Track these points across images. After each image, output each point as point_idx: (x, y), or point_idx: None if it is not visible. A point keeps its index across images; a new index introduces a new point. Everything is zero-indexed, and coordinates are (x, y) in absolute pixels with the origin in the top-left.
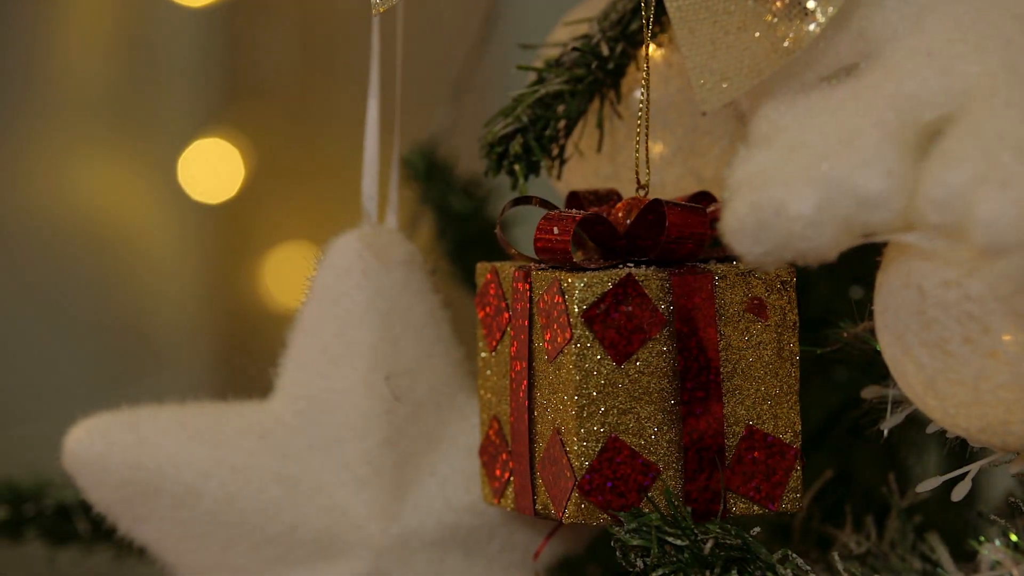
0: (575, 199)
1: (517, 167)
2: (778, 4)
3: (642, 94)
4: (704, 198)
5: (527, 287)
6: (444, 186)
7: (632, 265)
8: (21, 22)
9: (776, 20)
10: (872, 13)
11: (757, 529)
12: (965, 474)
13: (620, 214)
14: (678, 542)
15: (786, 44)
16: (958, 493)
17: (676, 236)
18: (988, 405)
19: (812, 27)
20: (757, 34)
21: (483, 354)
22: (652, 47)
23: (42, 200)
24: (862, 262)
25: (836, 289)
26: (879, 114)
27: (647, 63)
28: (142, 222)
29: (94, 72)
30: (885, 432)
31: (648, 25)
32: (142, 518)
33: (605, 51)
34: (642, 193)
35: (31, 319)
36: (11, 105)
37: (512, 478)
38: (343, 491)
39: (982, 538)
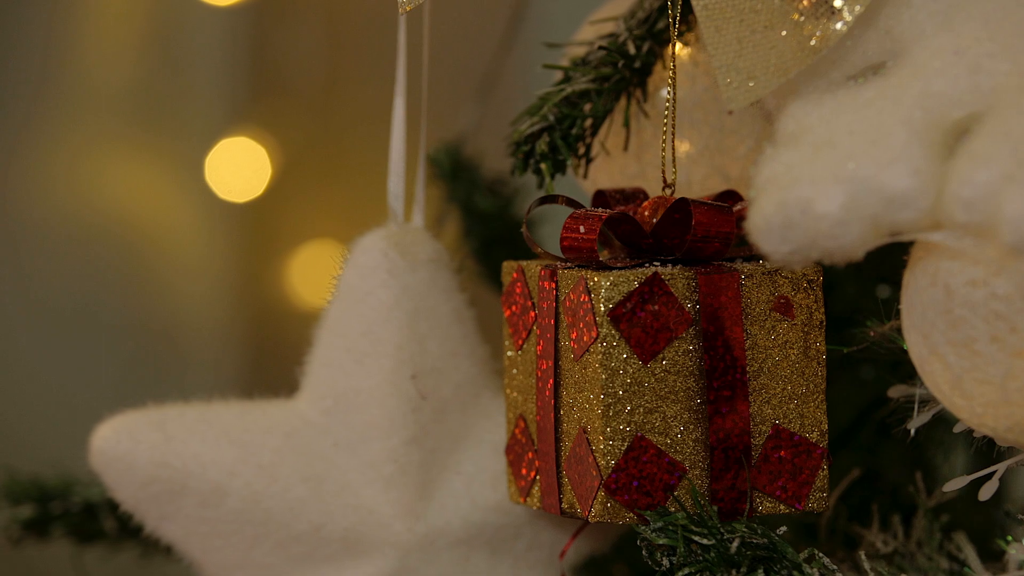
0: (601, 198)
1: (543, 166)
2: (805, 3)
3: (668, 93)
4: (731, 197)
5: (553, 286)
6: (470, 185)
7: (658, 264)
8: (48, 22)
9: (803, 18)
10: (899, 12)
11: (783, 528)
12: (992, 473)
13: (646, 213)
14: (704, 541)
15: (813, 42)
16: (985, 492)
17: (702, 235)
18: (1015, 404)
19: (839, 25)
20: (784, 32)
21: (509, 353)
22: (679, 46)
23: (69, 200)
24: (889, 261)
25: (863, 288)
26: (906, 113)
27: (673, 62)
28: (169, 221)
29: (121, 72)
30: (912, 431)
31: (675, 24)
32: (168, 516)
33: (631, 50)
34: (668, 192)
35: (58, 318)
36: (38, 105)
37: (538, 477)
38: (369, 490)
39: (1009, 537)
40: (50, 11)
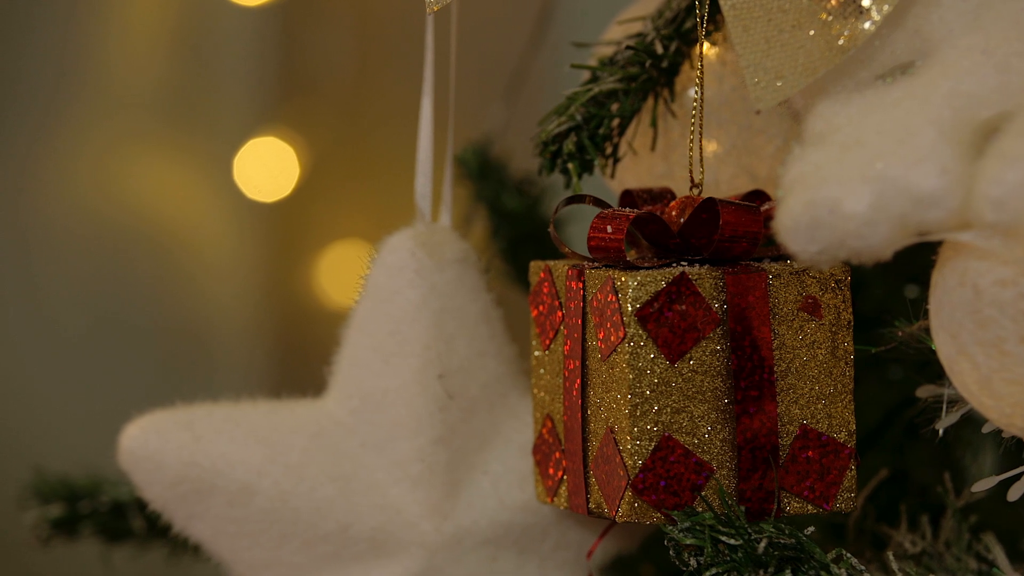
0: (629, 197)
1: (571, 166)
2: (833, 2)
3: (696, 92)
4: (758, 196)
5: (580, 286)
6: (497, 184)
7: (686, 264)
8: (76, 20)
9: (831, 18)
10: (928, 11)
11: (811, 528)
12: (1021, 474)
13: (674, 213)
14: (732, 541)
15: (841, 42)
16: (1014, 493)
17: (730, 235)
18: None
19: (867, 25)
20: (812, 32)
21: (536, 353)
22: (706, 45)
23: (98, 199)
24: (917, 261)
25: (891, 288)
26: (935, 112)
27: (701, 61)
28: (197, 220)
29: (149, 71)
30: (940, 431)
31: (702, 23)
32: (196, 515)
33: (659, 49)
34: (696, 191)
35: (85, 317)
36: (66, 104)
37: (565, 477)
38: (396, 489)
39: None
40: (78, 9)
